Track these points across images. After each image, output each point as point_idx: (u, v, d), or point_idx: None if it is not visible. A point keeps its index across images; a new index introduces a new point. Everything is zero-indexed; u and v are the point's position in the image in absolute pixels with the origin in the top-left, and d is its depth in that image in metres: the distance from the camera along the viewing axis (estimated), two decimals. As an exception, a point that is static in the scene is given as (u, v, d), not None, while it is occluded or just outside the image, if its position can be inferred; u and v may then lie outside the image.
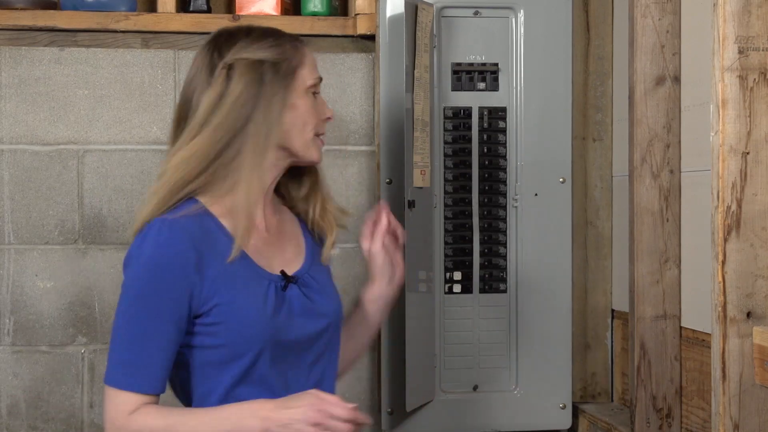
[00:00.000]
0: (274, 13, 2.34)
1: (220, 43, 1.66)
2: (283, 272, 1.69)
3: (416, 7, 2.14)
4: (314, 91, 1.70)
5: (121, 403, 1.56)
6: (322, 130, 1.72)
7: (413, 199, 2.13)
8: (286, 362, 1.66)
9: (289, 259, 1.73)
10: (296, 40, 1.70)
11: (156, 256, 1.57)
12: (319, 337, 1.71)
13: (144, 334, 1.57)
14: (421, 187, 2.16)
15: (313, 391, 1.56)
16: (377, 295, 1.86)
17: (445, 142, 2.26)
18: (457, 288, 2.27)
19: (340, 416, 1.52)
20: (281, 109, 1.65)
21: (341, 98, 2.36)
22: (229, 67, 1.64)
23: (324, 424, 1.51)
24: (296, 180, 1.79)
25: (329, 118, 1.73)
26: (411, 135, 2.13)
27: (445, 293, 2.27)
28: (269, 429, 1.53)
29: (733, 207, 1.69)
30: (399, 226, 1.83)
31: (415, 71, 2.14)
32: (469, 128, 2.27)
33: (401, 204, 2.20)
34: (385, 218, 1.83)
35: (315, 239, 1.80)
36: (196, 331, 1.61)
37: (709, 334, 1.91)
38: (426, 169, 2.17)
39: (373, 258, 1.84)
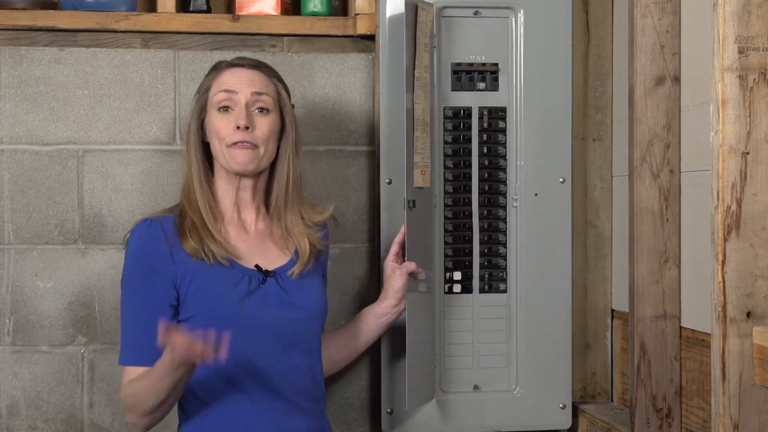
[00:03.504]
0: (274, 13, 2.34)
1: None
2: (257, 266, 1.94)
3: (416, 7, 2.14)
4: (224, 106, 1.94)
5: (124, 376, 1.89)
6: (232, 139, 1.93)
7: (413, 198, 2.13)
8: (260, 346, 1.89)
9: (271, 258, 1.98)
10: (219, 64, 2.02)
11: (139, 249, 1.90)
12: (293, 326, 1.94)
13: (137, 316, 1.88)
14: (421, 187, 2.16)
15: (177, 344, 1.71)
16: (384, 312, 2.13)
17: (445, 142, 2.26)
18: (457, 288, 2.27)
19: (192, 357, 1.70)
20: (199, 126, 1.98)
21: (341, 98, 2.35)
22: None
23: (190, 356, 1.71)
24: (271, 199, 2.05)
25: (238, 127, 1.92)
26: (411, 135, 2.13)
27: (445, 293, 2.27)
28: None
29: (733, 207, 1.69)
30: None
31: (416, 71, 2.14)
32: (469, 128, 2.27)
33: (401, 204, 2.20)
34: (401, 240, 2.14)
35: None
36: (180, 318, 1.90)
37: (709, 334, 1.92)
38: (426, 170, 2.17)
39: (396, 279, 2.09)
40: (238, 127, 1.91)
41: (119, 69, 2.29)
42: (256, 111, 1.95)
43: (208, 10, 2.34)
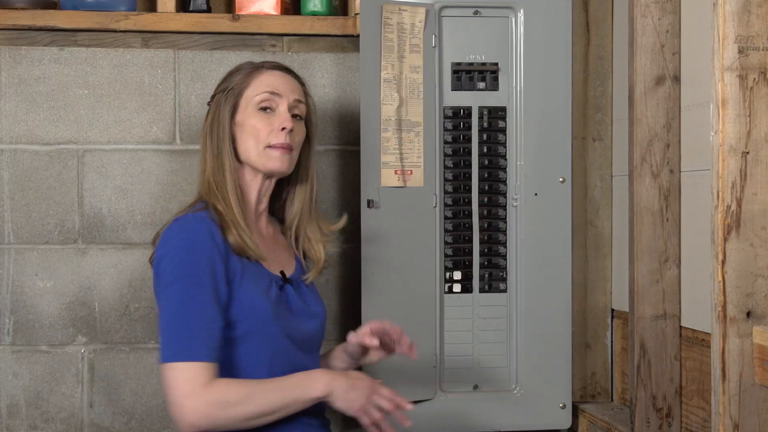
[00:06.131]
0: (274, 13, 2.34)
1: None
2: (282, 273, 1.92)
3: (381, 7, 2.13)
4: (264, 106, 1.91)
5: (191, 375, 1.68)
6: (275, 141, 1.90)
7: (372, 198, 2.14)
8: (283, 352, 1.84)
9: (285, 263, 1.96)
10: (260, 66, 1.96)
11: (187, 240, 1.77)
12: (313, 337, 1.95)
13: (193, 308, 1.72)
14: (402, 187, 2.17)
15: (367, 377, 1.80)
16: (350, 353, 2.01)
17: (445, 142, 2.26)
18: (457, 288, 2.27)
19: (387, 396, 1.77)
20: (228, 128, 1.89)
21: (341, 98, 2.35)
22: (210, 101, 1.95)
23: (374, 400, 1.77)
24: (290, 208, 2.02)
25: (284, 129, 1.90)
26: (378, 136, 2.14)
27: (445, 293, 2.27)
28: (333, 391, 1.75)
29: (733, 206, 1.69)
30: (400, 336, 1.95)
31: (383, 72, 2.14)
32: (469, 128, 2.27)
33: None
34: (372, 341, 1.92)
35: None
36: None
37: (709, 334, 1.92)
38: (414, 169, 2.18)
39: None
40: (283, 129, 1.89)
41: (119, 69, 2.29)
42: (293, 117, 1.93)
43: (208, 10, 2.34)
